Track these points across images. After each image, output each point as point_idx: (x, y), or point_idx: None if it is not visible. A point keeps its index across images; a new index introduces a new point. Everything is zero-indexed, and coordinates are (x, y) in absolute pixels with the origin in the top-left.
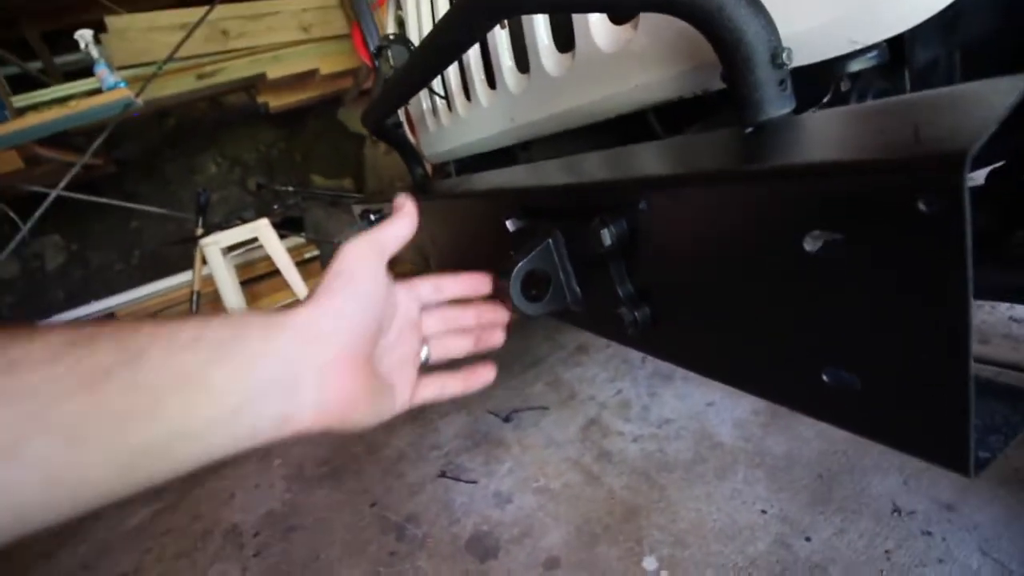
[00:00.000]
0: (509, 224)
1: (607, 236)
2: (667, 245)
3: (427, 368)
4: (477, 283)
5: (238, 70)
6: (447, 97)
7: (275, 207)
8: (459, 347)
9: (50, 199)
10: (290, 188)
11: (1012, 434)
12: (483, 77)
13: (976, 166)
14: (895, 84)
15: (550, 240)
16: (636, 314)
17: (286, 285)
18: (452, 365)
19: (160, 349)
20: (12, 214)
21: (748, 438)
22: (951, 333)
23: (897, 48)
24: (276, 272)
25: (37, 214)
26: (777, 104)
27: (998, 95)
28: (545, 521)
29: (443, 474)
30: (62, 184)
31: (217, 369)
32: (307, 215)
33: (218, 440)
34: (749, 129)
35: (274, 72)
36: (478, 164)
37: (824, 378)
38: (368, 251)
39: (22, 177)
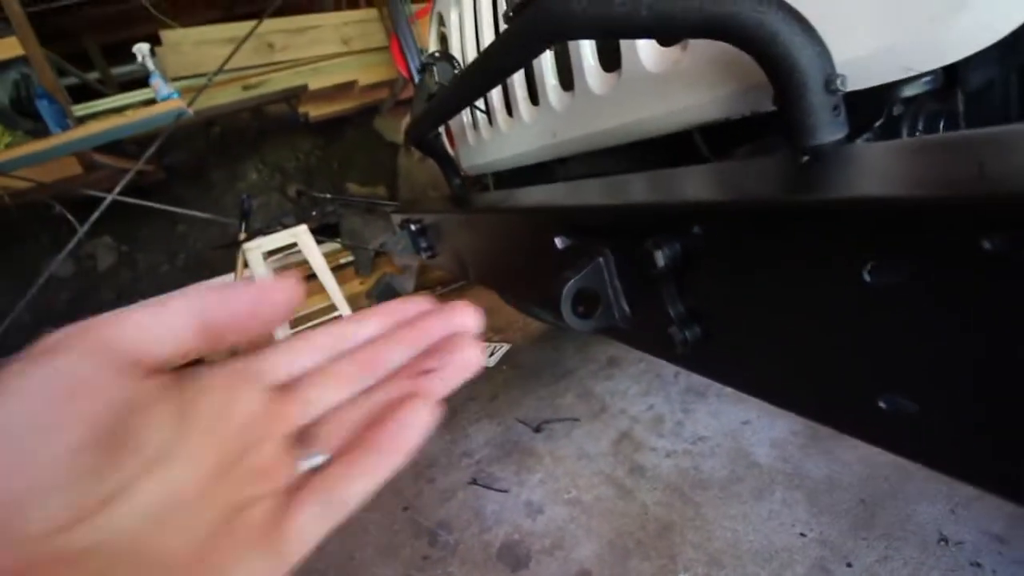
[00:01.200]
0: (558, 241)
1: (660, 258)
2: (721, 269)
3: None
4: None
5: (282, 81)
6: (489, 112)
7: (313, 213)
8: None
9: (106, 203)
10: (327, 195)
11: None
12: (526, 94)
13: None
14: (948, 107)
15: (600, 259)
16: (687, 334)
17: (321, 289)
18: None
19: None
20: (70, 216)
21: (786, 459)
22: (1013, 369)
23: (951, 72)
24: (312, 276)
25: (93, 217)
26: (830, 129)
27: None
28: (577, 533)
29: (474, 481)
30: (117, 189)
31: None
32: (343, 221)
33: None
34: (805, 158)
35: (316, 83)
36: (516, 177)
37: (880, 404)
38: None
39: (79, 182)
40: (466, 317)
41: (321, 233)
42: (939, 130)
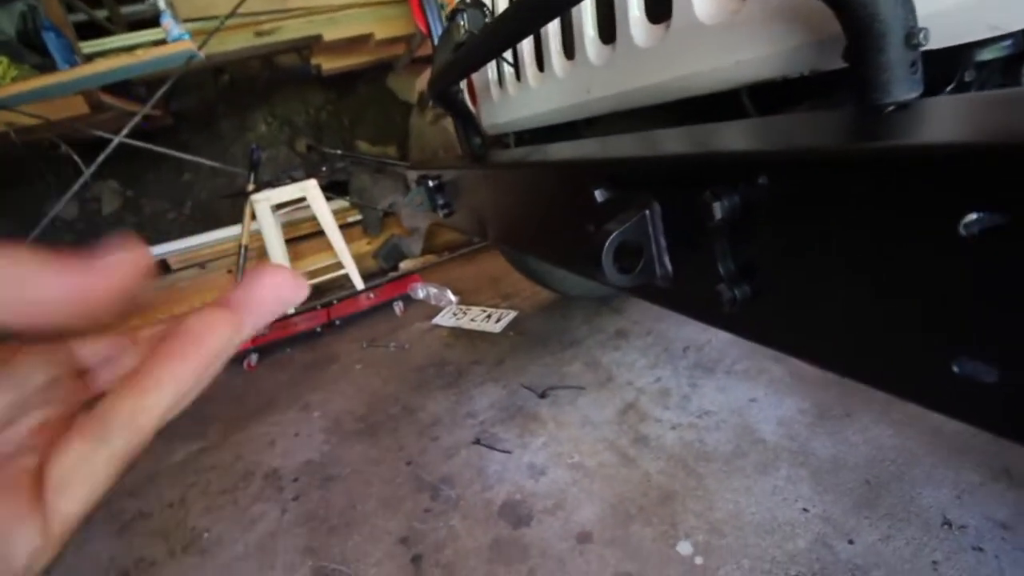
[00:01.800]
0: (598, 194)
1: (719, 209)
2: (785, 223)
3: None
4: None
5: (295, 30)
6: (517, 66)
7: (323, 169)
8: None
9: (113, 145)
10: (338, 152)
11: None
12: (560, 47)
13: None
14: (1016, 76)
15: (647, 211)
16: (736, 292)
17: (328, 247)
18: None
19: None
20: (76, 157)
21: (793, 437)
22: None
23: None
24: (319, 233)
25: (100, 159)
26: (906, 87)
27: None
28: (579, 496)
29: (477, 441)
30: (125, 131)
31: None
32: (352, 179)
33: None
34: (891, 108)
35: (330, 34)
36: (539, 138)
37: (955, 369)
38: None
39: (85, 121)
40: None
41: (330, 190)
42: None
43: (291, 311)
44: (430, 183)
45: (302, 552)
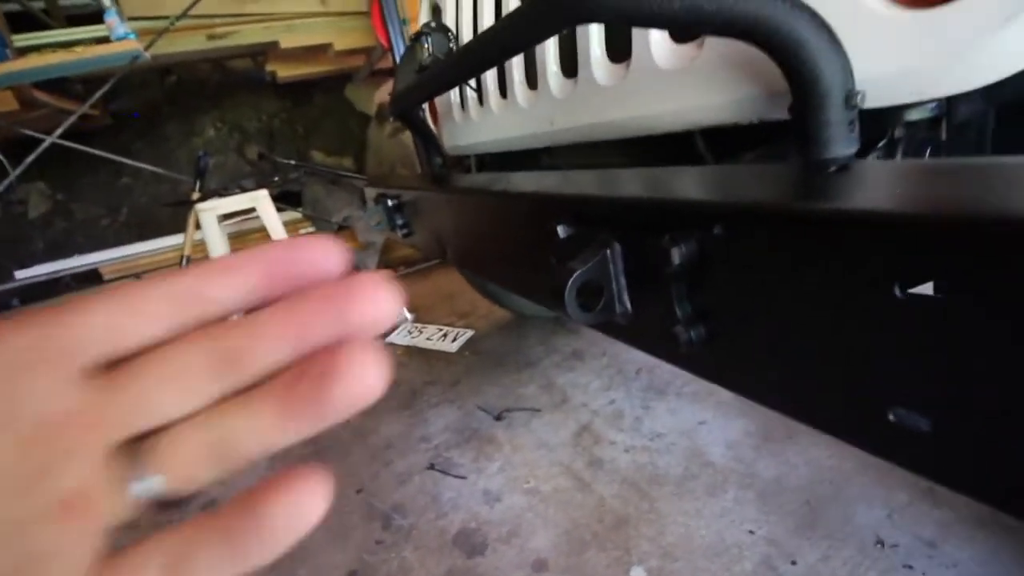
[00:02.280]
0: (561, 230)
1: (676, 255)
2: (737, 272)
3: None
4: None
5: (251, 35)
6: (480, 92)
7: (275, 178)
8: (253, 431)
9: (44, 145)
10: (292, 161)
11: None
12: (523, 77)
13: None
14: (936, 135)
15: (608, 251)
16: (692, 333)
17: None
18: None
19: None
20: (1, 156)
21: (740, 459)
22: None
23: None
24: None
25: (29, 160)
26: (843, 144)
27: None
28: (534, 522)
29: (432, 466)
30: (58, 132)
31: None
32: (305, 190)
33: None
34: (833, 168)
35: (288, 42)
36: (500, 162)
37: (891, 417)
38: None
39: (13, 119)
40: (376, 303)
41: (282, 200)
42: (925, 156)
43: None
44: (389, 202)
45: None
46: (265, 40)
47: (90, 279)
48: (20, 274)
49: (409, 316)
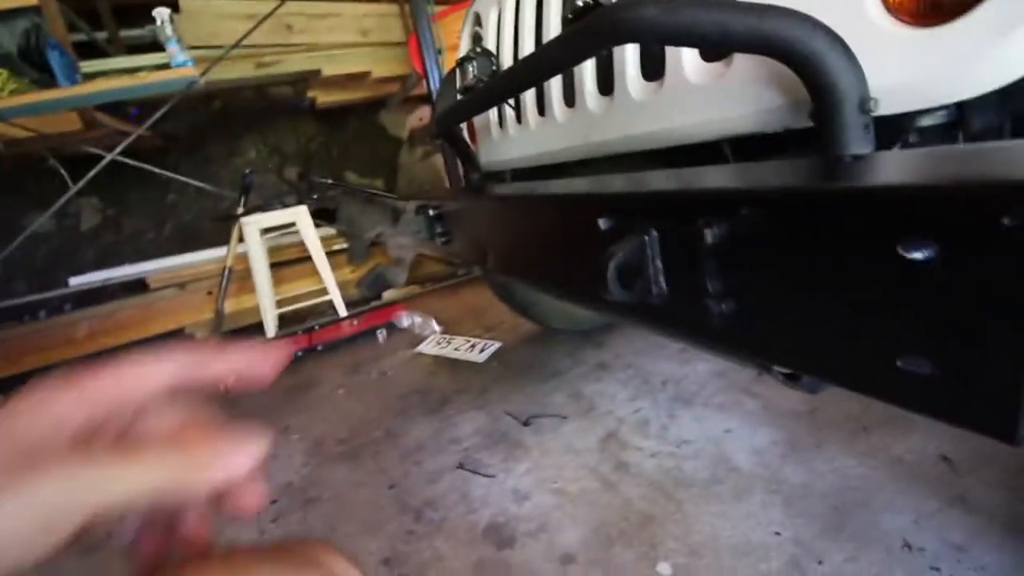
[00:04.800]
0: (602, 223)
1: (709, 236)
2: (764, 247)
3: None
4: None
5: (296, 63)
6: (519, 110)
7: (313, 196)
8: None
9: (105, 161)
10: (328, 181)
11: None
12: (561, 95)
13: None
14: (952, 143)
15: (646, 237)
16: (723, 306)
17: (313, 272)
18: None
19: None
20: (63, 170)
21: (766, 465)
22: (1016, 332)
23: (959, 112)
24: (304, 259)
25: (91, 174)
26: (860, 144)
27: None
28: (562, 520)
29: (461, 466)
30: (118, 149)
31: None
32: (340, 208)
33: None
34: (850, 158)
35: (330, 70)
36: (534, 175)
37: (899, 363)
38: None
39: (77, 137)
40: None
41: (317, 217)
42: None
43: (271, 334)
44: (431, 212)
45: None
46: (309, 68)
47: (137, 288)
48: (74, 281)
49: (438, 328)
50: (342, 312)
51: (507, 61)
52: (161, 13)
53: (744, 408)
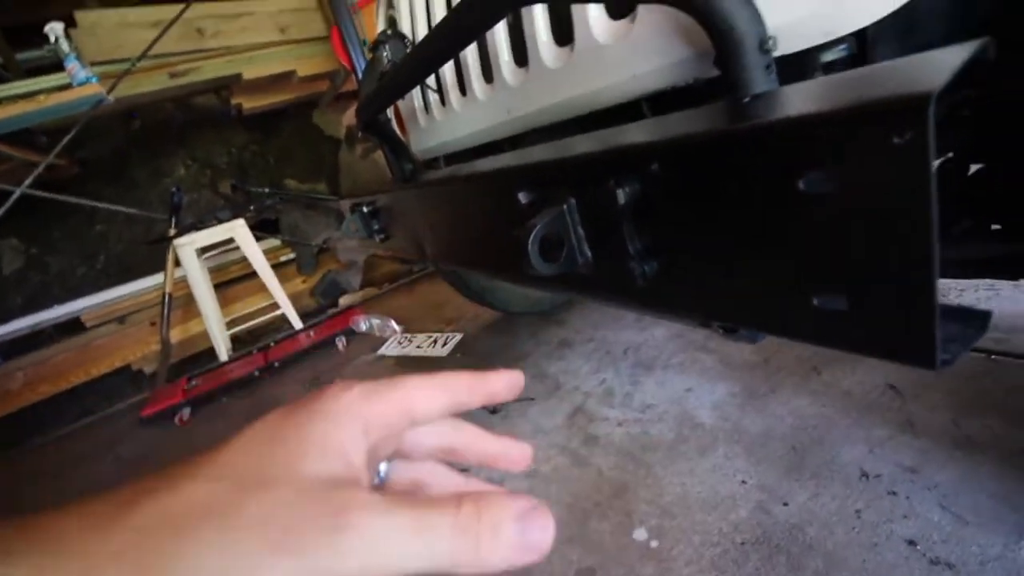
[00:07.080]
0: (521, 196)
1: (621, 196)
2: (675, 201)
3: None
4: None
5: (213, 70)
6: (441, 92)
7: (251, 208)
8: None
9: (14, 197)
10: (265, 190)
11: (966, 345)
12: (479, 71)
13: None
14: None
15: (564, 206)
16: (645, 267)
17: (262, 288)
18: None
19: None
20: None
21: (726, 418)
22: (920, 250)
23: (862, 46)
24: (251, 275)
25: (0, 212)
26: (764, 84)
27: (949, 57)
28: None
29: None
30: (27, 182)
31: None
32: (283, 217)
33: None
34: (747, 98)
35: (250, 73)
36: (467, 158)
37: (815, 302)
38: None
39: None
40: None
41: (259, 229)
42: None
43: (223, 358)
44: (364, 209)
45: None
46: (228, 73)
47: (73, 328)
48: (0, 331)
49: (398, 328)
50: (297, 325)
51: None
52: (54, 29)
53: (702, 365)
